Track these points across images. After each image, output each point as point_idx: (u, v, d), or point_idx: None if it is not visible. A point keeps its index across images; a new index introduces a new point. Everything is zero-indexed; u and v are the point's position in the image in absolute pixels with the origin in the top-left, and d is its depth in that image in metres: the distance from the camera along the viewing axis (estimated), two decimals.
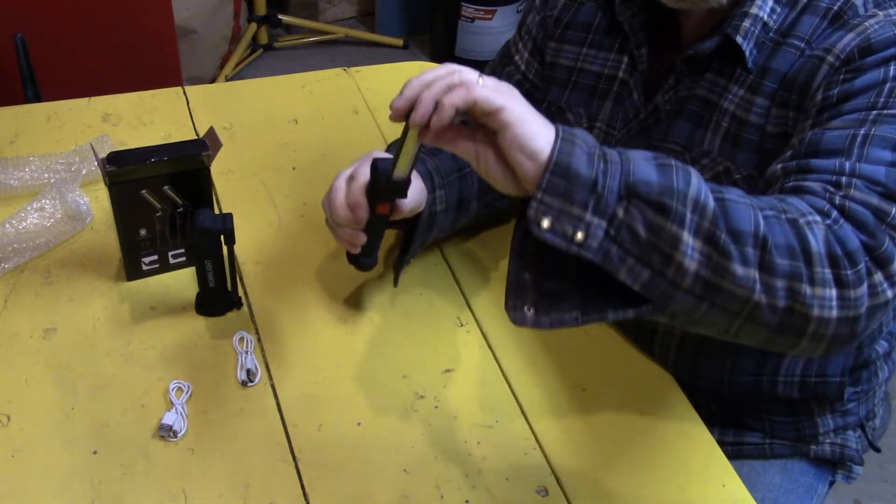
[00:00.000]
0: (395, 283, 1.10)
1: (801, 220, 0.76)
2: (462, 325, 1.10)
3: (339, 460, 0.94)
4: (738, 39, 0.93)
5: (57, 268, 1.11)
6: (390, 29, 3.19)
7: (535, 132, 0.73)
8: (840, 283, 0.76)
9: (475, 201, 1.12)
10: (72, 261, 1.12)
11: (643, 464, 0.97)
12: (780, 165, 0.88)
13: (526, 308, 0.76)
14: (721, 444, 1.00)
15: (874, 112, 0.85)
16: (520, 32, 1.16)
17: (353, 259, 1.00)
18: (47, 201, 1.17)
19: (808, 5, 0.93)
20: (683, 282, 0.73)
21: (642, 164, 0.73)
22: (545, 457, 0.97)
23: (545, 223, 0.73)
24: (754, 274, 0.73)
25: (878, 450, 1.18)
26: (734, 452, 1.10)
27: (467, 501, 0.91)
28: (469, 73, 0.75)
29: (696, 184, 0.73)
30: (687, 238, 0.72)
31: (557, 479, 0.94)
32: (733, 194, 0.76)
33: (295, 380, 1.01)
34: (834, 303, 0.75)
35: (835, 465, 1.14)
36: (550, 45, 1.11)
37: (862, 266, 0.76)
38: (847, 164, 0.82)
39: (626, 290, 0.75)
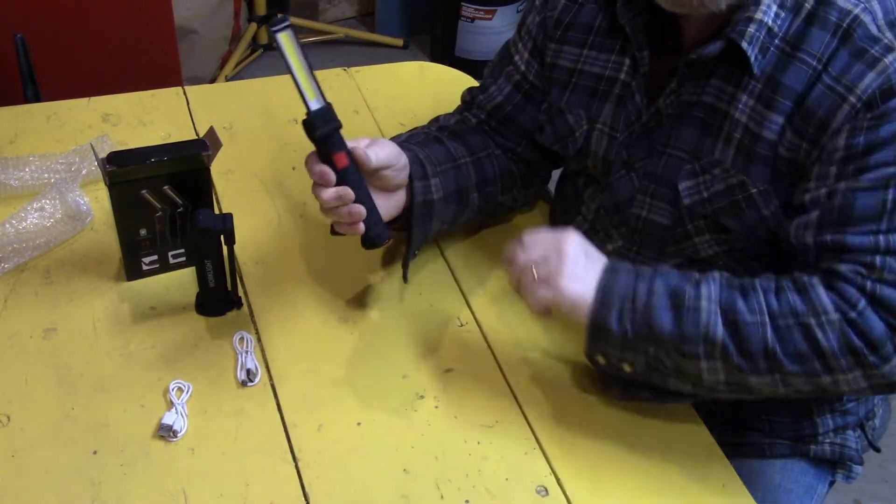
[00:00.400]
0: (405, 279, 1.10)
1: (815, 322, 0.87)
2: (462, 325, 1.10)
3: (339, 460, 0.94)
4: (744, 45, 0.91)
5: (57, 268, 1.11)
6: (390, 29, 3.19)
7: (580, 311, 0.92)
8: (863, 365, 0.87)
9: (475, 192, 1.12)
10: (72, 261, 1.12)
11: (643, 464, 0.97)
12: (811, 238, 0.91)
13: (599, 357, 0.96)
14: (721, 444, 1.01)
15: None
16: (519, 33, 1.16)
17: (364, 240, 0.99)
18: (47, 201, 1.17)
19: (815, 15, 0.91)
20: (717, 388, 0.93)
21: (660, 311, 0.90)
22: (545, 457, 0.97)
23: (600, 360, 0.95)
24: (769, 378, 0.89)
25: (877, 449, 1.18)
26: (734, 452, 1.10)
27: (467, 501, 0.91)
28: (531, 272, 0.93)
29: (705, 319, 0.89)
30: (705, 364, 0.90)
31: (557, 479, 0.95)
32: (744, 311, 0.88)
33: (295, 380, 1.01)
34: (860, 379, 0.88)
35: (834, 464, 1.14)
36: (551, 46, 1.11)
37: (889, 347, 0.87)
38: (881, 240, 0.88)
39: None
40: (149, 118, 1.36)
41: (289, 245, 1.18)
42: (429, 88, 1.50)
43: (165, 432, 0.93)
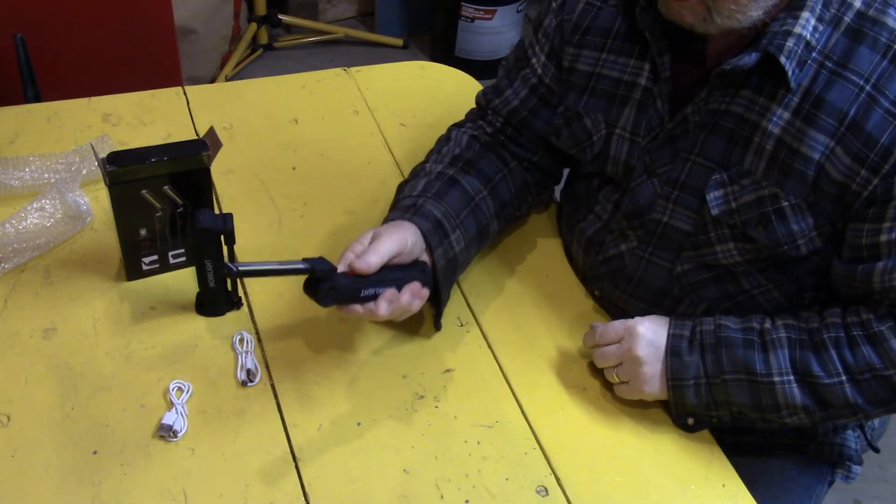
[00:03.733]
0: (438, 326, 1.08)
1: (893, 373, 0.92)
2: (462, 325, 1.10)
3: (339, 460, 0.94)
4: (782, 59, 0.90)
5: (57, 268, 1.11)
6: (390, 29, 3.19)
7: (660, 396, 1.00)
8: None
9: (494, 222, 1.12)
10: (72, 261, 1.12)
11: (643, 463, 0.97)
12: (883, 284, 0.92)
13: (689, 420, 1.01)
14: (721, 443, 1.01)
15: None
16: (536, 34, 1.14)
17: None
18: (47, 201, 1.17)
19: (861, 33, 0.90)
20: (803, 424, 0.98)
21: (735, 387, 0.96)
22: (545, 457, 0.97)
23: (690, 421, 1.00)
24: (854, 417, 0.96)
25: (877, 450, 1.18)
26: (733, 451, 1.10)
27: (467, 501, 0.91)
28: (613, 375, 1.02)
29: (781, 391, 0.95)
30: (789, 420, 0.97)
31: (557, 479, 0.95)
32: (821, 374, 0.93)
33: (295, 380, 1.01)
34: None
35: (834, 464, 1.14)
36: (568, 50, 1.10)
37: None
38: None
39: None
40: (149, 118, 1.36)
41: (289, 245, 1.18)
42: (429, 88, 1.50)
43: (165, 432, 0.93)
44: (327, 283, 0.91)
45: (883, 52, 0.89)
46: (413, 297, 0.97)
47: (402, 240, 0.98)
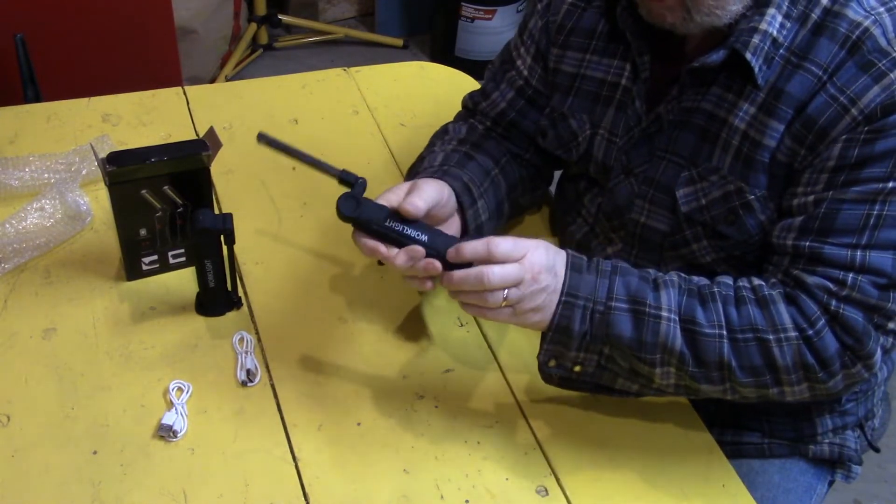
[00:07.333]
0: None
1: (773, 339, 0.89)
2: (462, 325, 1.10)
3: (339, 460, 0.94)
4: (748, 56, 0.91)
5: (57, 268, 1.11)
6: (390, 29, 3.19)
7: (541, 322, 0.90)
8: (811, 380, 0.90)
9: (505, 203, 1.12)
10: (72, 261, 1.12)
11: (643, 463, 0.97)
12: (790, 241, 0.92)
13: (551, 363, 0.94)
14: (720, 443, 1.01)
15: (891, 184, 0.88)
16: (521, 37, 1.15)
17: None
18: (47, 201, 1.17)
19: (823, 26, 0.91)
20: (667, 390, 0.94)
21: (620, 316, 0.90)
22: (545, 457, 0.97)
23: (552, 363, 0.94)
24: (721, 387, 0.91)
25: (877, 450, 1.18)
26: (733, 452, 1.10)
27: (467, 501, 0.91)
28: (494, 297, 0.86)
29: (665, 328, 0.89)
30: (659, 371, 0.91)
31: (557, 479, 0.95)
32: (703, 322, 0.89)
33: (295, 380, 1.01)
34: (805, 391, 0.91)
35: (834, 464, 1.14)
36: (553, 51, 1.10)
37: (837, 365, 0.89)
38: (857, 255, 0.89)
39: None
40: (149, 118, 1.36)
41: (289, 245, 1.18)
42: (429, 88, 1.50)
43: (165, 432, 0.93)
44: (356, 199, 0.88)
45: (841, 42, 0.90)
46: (428, 268, 0.88)
47: (441, 190, 0.97)
